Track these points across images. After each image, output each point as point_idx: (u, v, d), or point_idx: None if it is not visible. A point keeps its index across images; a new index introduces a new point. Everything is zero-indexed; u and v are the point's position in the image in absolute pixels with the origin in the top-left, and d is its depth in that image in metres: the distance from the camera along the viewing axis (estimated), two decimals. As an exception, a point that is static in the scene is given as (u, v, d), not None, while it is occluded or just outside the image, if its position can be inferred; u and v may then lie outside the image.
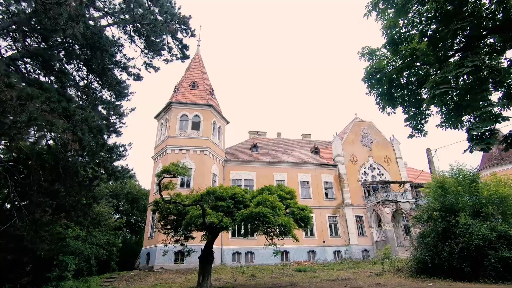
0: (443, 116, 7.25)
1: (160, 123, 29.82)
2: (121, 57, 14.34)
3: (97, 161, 11.72)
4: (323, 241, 28.11)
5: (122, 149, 13.50)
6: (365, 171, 32.54)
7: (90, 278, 18.55)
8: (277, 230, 11.37)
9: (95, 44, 9.52)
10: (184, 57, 13.57)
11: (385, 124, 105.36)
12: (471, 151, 4.80)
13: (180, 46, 13.34)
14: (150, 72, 13.42)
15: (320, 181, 31.07)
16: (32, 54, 7.93)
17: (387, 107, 7.12)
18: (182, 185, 24.71)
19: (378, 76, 6.38)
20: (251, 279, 17.07)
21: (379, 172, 32.73)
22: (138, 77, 13.09)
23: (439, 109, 7.34)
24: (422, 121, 6.91)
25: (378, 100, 6.91)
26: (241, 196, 12.48)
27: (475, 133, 4.40)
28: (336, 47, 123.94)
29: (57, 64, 9.07)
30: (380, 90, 6.71)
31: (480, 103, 5.73)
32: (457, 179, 15.33)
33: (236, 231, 25.73)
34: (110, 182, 33.39)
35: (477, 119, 4.56)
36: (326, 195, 30.86)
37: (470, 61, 4.32)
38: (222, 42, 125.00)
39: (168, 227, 13.82)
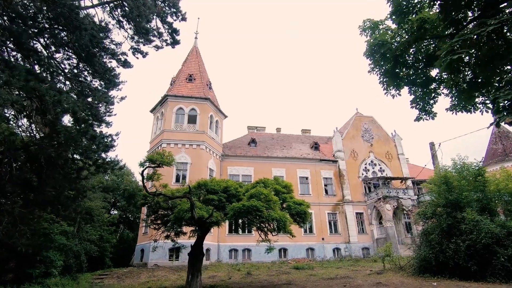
0: (453, 98, 6.51)
1: (156, 117, 29.13)
2: (109, 42, 13.64)
3: (80, 150, 11.03)
4: (322, 238, 27.46)
5: (109, 139, 12.82)
6: (365, 167, 31.81)
7: (81, 275, 17.94)
8: (272, 225, 10.66)
9: (73, 22, 8.78)
10: (175, 42, 12.81)
11: (387, 119, 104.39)
12: (497, 125, 4.06)
13: (170, 31, 12.58)
14: (138, 58, 12.68)
15: (320, 177, 30.37)
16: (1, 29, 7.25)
17: (391, 87, 6.37)
18: (177, 180, 24.09)
19: (382, 50, 5.64)
20: (246, 276, 16.43)
21: (380, 168, 31.99)
22: (125, 63, 12.35)
23: (449, 91, 6.61)
24: (431, 101, 6.15)
25: (382, 79, 6.17)
26: (234, 190, 11.77)
27: (502, 104, 3.68)
28: (337, 41, 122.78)
29: (29, 41, 8.32)
30: (384, 67, 5.97)
31: (501, 77, 4.98)
32: (461, 174, 14.61)
33: (233, 227, 25.18)
34: (106, 177, 32.91)
35: (501, 89, 3.84)
36: (326, 191, 30.16)
37: (494, 18, 3.59)
38: (221, 37, 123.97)
39: (159, 222, 13.15)
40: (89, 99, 13.06)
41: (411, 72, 6.57)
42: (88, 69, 13.03)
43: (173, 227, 11.96)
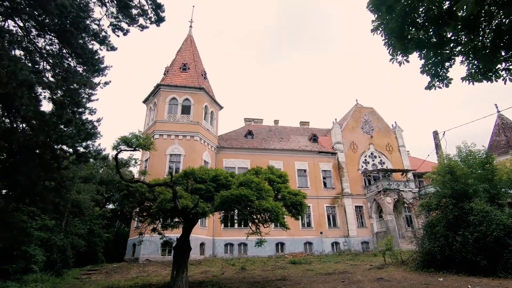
0: (471, 65, 5.57)
1: (148, 107, 28.14)
2: (90, 22, 12.70)
3: (55, 136, 10.11)
4: (321, 232, 26.69)
5: (90, 126, 11.91)
6: (365, 160, 30.94)
7: (68, 270, 17.15)
8: (263, 216, 9.78)
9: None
10: (159, 19, 11.84)
11: (387, 111, 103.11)
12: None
13: (153, 6, 11.62)
14: (118, 36, 11.71)
15: (318, 169, 29.50)
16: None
17: (398, 52, 5.44)
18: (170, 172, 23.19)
19: (389, 2, 4.71)
20: (240, 272, 15.63)
21: (380, 160, 31.12)
22: (104, 41, 11.41)
23: (464, 57, 5.67)
24: (446, 64, 5.22)
25: (387, 40, 5.24)
26: (225, 179, 10.87)
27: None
28: (337, 33, 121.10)
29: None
30: (390, 26, 5.03)
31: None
32: (466, 162, 13.73)
33: (229, 221, 24.32)
34: (101, 171, 31.91)
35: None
36: (325, 184, 29.32)
37: None
38: (218, 27, 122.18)
39: (144, 214, 12.28)
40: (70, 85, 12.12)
41: (421, 35, 5.63)
42: (68, 50, 12.09)
43: (159, 218, 11.10)
